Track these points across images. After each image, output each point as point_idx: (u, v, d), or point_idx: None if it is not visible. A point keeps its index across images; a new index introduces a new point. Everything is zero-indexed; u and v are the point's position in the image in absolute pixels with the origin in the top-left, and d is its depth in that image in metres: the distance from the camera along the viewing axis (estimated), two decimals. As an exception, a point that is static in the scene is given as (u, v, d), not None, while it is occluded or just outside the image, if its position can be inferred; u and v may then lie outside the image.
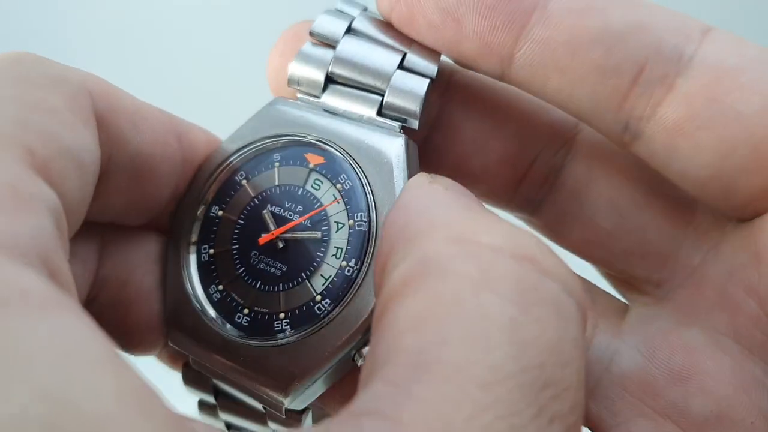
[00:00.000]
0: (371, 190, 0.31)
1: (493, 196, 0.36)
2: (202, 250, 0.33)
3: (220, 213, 0.34)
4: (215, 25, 0.82)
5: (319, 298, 0.31)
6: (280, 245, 0.32)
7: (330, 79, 0.34)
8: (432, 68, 0.33)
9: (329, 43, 0.34)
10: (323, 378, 0.30)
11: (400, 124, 0.33)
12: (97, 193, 0.29)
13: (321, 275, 0.31)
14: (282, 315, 0.31)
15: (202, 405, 0.36)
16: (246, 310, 0.32)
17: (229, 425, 0.37)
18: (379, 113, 0.33)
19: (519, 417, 0.19)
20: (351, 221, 0.31)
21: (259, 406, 0.33)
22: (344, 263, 0.31)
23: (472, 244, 0.23)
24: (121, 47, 0.83)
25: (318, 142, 0.33)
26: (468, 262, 0.22)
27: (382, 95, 0.33)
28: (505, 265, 0.22)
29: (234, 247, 0.33)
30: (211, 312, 0.32)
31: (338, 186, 0.32)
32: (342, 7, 0.35)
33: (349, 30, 0.34)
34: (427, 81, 0.33)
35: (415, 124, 0.33)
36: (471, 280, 0.21)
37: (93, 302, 0.33)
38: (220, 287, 0.33)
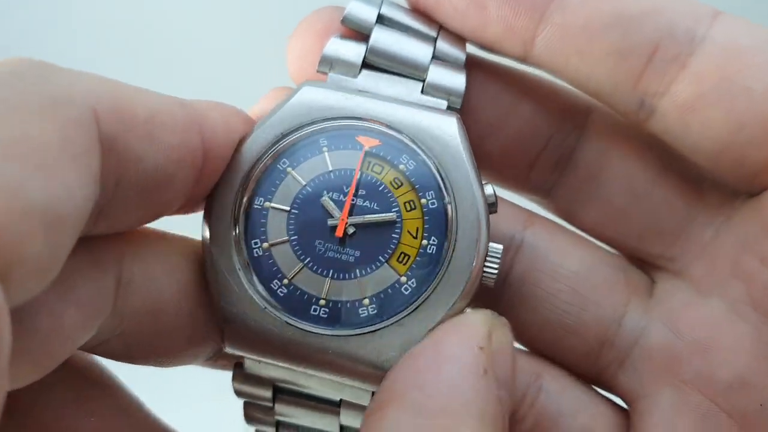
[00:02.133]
0: (441, 169, 0.31)
1: (509, 178, 0.37)
2: (253, 245, 0.31)
3: (267, 204, 0.32)
4: (218, 16, 0.79)
5: (404, 279, 0.30)
6: (351, 231, 0.31)
7: (364, 64, 0.34)
8: (461, 56, 0.34)
9: (362, 32, 0.34)
10: None
11: (446, 102, 0.33)
12: (104, 213, 0.26)
13: (400, 256, 0.31)
14: (366, 301, 0.30)
15: (252, 408, 0.34)
16: (322, 302, 0.30)
17: (279, 425, 0.35)
18: (423, 92, 0.33)
19: None
20: (423, 200, 0.31)
21: (335, 398, 0.32)
22: (425, 242, 0.31)
23: None
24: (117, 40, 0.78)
25: (370, 124, 0.32)
26: None
27: (422, 80, 0.33)
28: None
29: (293, 238, 0.31)
30: (280, 308, 0.30)
31: (401, 167, 0.31)
32: None
33: (379, 18, 0.34)
34: (464, 74, 0.34)
35: (458, 104, 0.33)
36: None
37: (120, 336, 0.30)
38: (285, 281, 0.31)
